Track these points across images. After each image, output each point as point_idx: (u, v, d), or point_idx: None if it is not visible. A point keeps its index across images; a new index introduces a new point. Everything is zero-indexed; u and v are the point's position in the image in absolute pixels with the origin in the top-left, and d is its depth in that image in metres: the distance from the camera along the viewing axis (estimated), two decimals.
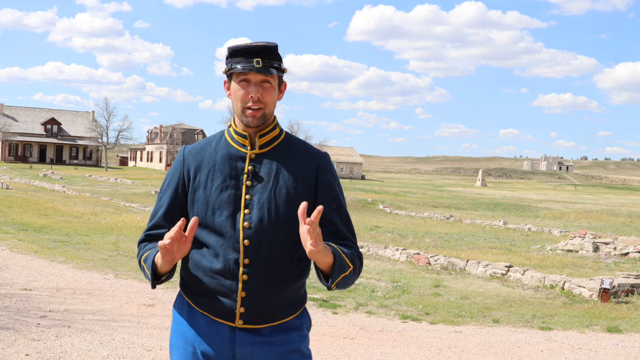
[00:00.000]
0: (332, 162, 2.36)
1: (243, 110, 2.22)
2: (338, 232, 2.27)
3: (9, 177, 39.38)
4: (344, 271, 2.16)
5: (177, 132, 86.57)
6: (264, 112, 2.22)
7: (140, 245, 2.34)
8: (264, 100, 2.21)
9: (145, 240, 2.33)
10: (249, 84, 2.21)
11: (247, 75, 2.20)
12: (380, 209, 27.70)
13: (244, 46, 2.20)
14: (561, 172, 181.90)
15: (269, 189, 2.24)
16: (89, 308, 7.04)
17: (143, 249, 2.30)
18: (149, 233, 2.33)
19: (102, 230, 14.75)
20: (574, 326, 7.40)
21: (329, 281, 2.15)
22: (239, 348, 2.23)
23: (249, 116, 2.22)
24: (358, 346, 6.19)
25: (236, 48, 2.21)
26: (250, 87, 2.20)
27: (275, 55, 2.23)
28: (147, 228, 2.35)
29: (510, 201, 37.12)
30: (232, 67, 2.22)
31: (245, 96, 2.21)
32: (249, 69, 2.18)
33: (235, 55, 2.22)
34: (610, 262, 13.18)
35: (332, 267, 2.13)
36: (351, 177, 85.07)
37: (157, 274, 2.19)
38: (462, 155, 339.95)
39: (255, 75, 2.20)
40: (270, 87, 2.22)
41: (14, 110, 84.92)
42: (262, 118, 2.23)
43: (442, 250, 13.91)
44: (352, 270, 2.20)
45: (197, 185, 2.26)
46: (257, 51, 2.20)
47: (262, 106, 2.21)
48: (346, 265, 2.17)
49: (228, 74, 2.26)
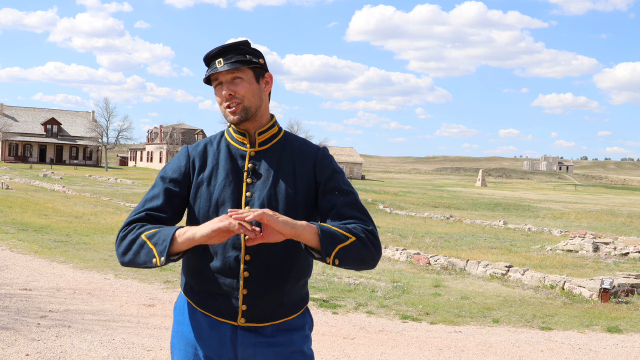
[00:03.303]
0: (330, 154, 2.34)
1: (225, 111, 2.26)
2: (340, 215, 2.19)
3: (9, 177, 39.38)
4: (339, 243, 2.06)
5: (177, 132, 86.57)
6: (243, 106, 2.23)
7: (133, 225, 2.15)
8: (237, 94, 2.23)
9: (145, 219, 2.17)
10: (222, 85, 2.25)
11: (217, 79, 2.25)
12: (380, 209, 27.69)
13: (209, 52, 2.25)
14: (561, 172, 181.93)
15: (268, 186, 2.24)
16: (89, 308, 7.04)
17: (142, 227, 2.13)
18: (150, 213, 2.19)
19: (102, 230, 14.75)
20: (574, 326, 7.40)
21: (322, 253, 2.03)
22: (241, 349, 2.23)
23: (229, 114, 2.25)
24: (358, 346, 6.19)
25: (204, 57, 2.27)
26: (223, 87, 2.24)
27: (239, 50, 2.25)
28: (145, 208, 2.20)
29: (510, 201, 37.12)
30: (205, 75, 2.27)
31: (221, 98, 2.25)
32: (213, 71, 2.23)
33: (208, 64, 2.28)
34: (610, 262, 13.18)
35: (319, 240, 2.03)
36: (351, 177, 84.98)
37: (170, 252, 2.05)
38: (462, 155, 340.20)
39: (224, 75, 2.23)
40: (242, 81, 2.23)
41: (14, 110, 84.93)
42: (242, 112, 2.23)
43: (442, 250, 13.91)
44: (356, 241, 2.09)
45: (201, 182, 2.27)
46: (217, 53, 2.24)
47: (238, 101, 2.23)
48: (337, 235, 2.07)
49: (207, 83, 2.30)
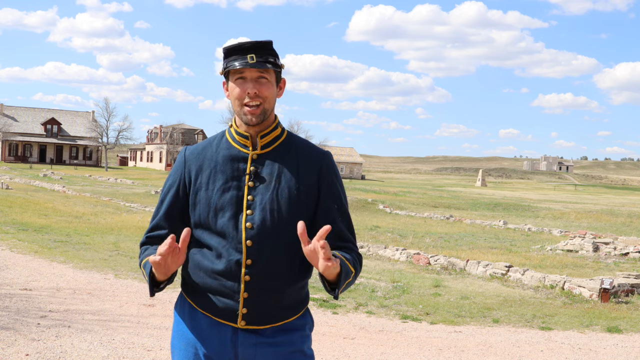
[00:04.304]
0: (334, 162, 2.34)
1: (242, 107, 2.21)
2: (340, 233, 2.27)
3: (9, 177, 39.37)
4: (348, 278, 2.17)
5: (177, 132, 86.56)
6: (263, 108, 2.21)
7: (142, 248, 2.33)
8: (261, 94, 2.19)
9: (147, 242, 2.31)
10: (245, 80, 2.20)
11: (242, 73, 2.19)
12: (380, 209, 27.68)
13: (238, 44, 2.20)
14: (561, 172, 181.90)
15: (271, 189, 2.22)
16: (89, 308, 7.04)
17: (143, 253, 2.29)
18: (149, 235, 2.32)
19: (102, 230, 14.75)
20: (574, 326, 7.39)
21: (336, 291, 2.15)
22: (241, 349, 2.22)
23: (247, 113, 2.20)
24: (358, 346, 6.19)
25: (230, 47, 2.21)
26: (247, 84, 2.19)
27: (269, 51, 2.22)
28: (148, 229, 2.33)
29: (510, 201, 37.10)
30: (228, 66, 2.21)
31: (242, 93, 2.19)
32: (243, 65, 2.17)
33: (230, 54, 2.21)
34: (610, 262, 13.18)
35: (338, 276, 2.13)
36: (351, 177, 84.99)
37: (155, 282, 2.17)
38: (462, 155, 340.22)
39: (251, 71, 2.19)
40: (267, 82, 2.21)
41: (14, 110, 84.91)
42: (261, 114, 2.21)
43: (442, 250, 13.90)
44: (354, 275, 2.23)
45: (199, 187, 2.25)
46: (250, 47, 2.19)
47: (260, 101, 2.20)
48: (350, 272, 2.18)
49: (225, 73, 2.25)
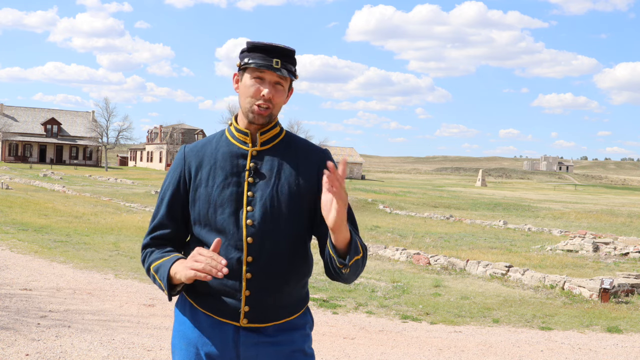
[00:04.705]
0: (333, 159, 2.32)
1: (251, 106, 2.21)
2: None
3: (9, 177, 39.37)
4: (357, 254, 2.11)
5: (177, 132, 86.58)
6: (271, 112, 2.22)
7: (146, 250, 2.30)
8: (274, 100, 2.21)
9: (151, 244, 2.29)
10: (263, 82, 2.20)
11: (262, 73, 2.20)
12: (380, 209, 27.69)
13: (265, 44, 2.20)
14: (561, 172, 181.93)
15: (271, 185, 2.22)
16: (89, 308, 7.04)
17: (151, 255, 2.27)
18: (153, 236, 2.30)
19: (102, 230, 14.75)
20: (574, 326, 7.40)
21: (346, 258, 2.07)
22: (243, 349, 2.22)
23: (255, 113, 2.21)
24: (358, 346, 6.19)
25: (257, 44, 2.21)
26: (264, 85, 2.20)
27: (292, 60, 2.24)
28: (150, 229, 2.31)
29: (510, 201, 37.11)
30: (250, 62, 2.21)
31: (257, 93, 2.20)
32: (267, 67, 2.17)
33: (254, 51, 2.21)
34: (610, 262, 13.18)
35: (348, 245, 2.07)
36: (351, 177, 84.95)
37: (172, 285, 2.17)
38: (462, 155, 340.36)
39: (272, 75, 2.20)
40: (281, 90, 2.23)
41: (14, 110, 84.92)
42: (267, 117, 2.23)
43: (442, 250, 13.91)
44: (362, 257, 2.14)
45: (199, 184, 2.25)
46: (277, 51, 2.20)
47: (270, 106, 2.21)
48: (358, 249, 2.12)
49: (242, 67, 2.24)
